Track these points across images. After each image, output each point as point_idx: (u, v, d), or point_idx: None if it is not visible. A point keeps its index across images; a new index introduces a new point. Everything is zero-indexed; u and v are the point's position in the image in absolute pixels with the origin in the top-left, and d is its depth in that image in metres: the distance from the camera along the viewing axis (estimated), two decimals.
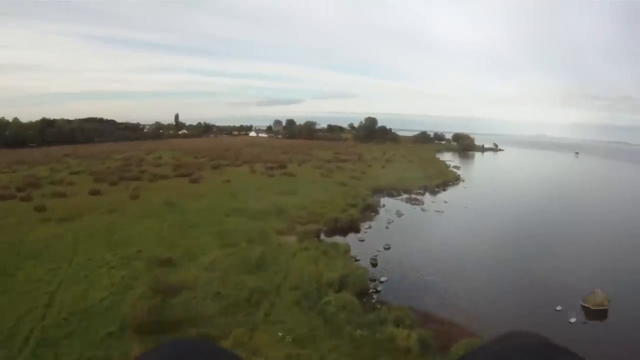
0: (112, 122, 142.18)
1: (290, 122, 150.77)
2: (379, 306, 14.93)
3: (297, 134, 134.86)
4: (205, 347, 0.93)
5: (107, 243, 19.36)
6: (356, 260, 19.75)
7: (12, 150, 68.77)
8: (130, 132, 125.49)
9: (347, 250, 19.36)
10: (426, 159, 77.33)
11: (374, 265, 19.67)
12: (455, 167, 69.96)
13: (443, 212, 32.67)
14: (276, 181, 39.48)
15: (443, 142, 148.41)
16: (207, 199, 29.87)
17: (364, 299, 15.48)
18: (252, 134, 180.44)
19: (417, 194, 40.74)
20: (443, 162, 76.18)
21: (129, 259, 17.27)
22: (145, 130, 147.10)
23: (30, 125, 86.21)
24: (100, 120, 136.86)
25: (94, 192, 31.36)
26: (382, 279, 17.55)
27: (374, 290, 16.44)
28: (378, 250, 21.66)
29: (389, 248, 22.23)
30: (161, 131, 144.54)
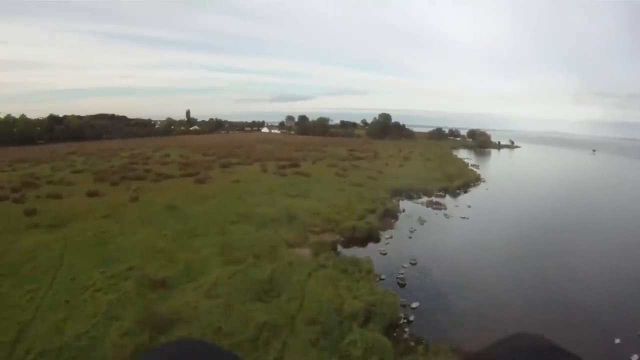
0: (123, 118, 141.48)
1: (303, 118, 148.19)
2: (412, 344, 12.30)
3: (309, 130, 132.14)
4: (206, 348, 0.91)
5: (96, 256, 17.05)
6: (381, 279, 17.16)
7: (19, 147, 67.57)
8: (140, 128, 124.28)
9: (370, 268, 16.68)
10: (444, 156, 73.98)
11: (402, 285, 17.01)
12: (473, 165, 66.70)
13: (468, 218, 29.76)
14: (288, 181, 36.93)
15: (458, 139, 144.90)
16: (213, 202, 27.48)
17: (395, 333, 12.87)
18: (265, 130, 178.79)
19: (437, 196, 37.92)
20: (461, 160, 72.82)
21: (118, 278, 14.91)
22: (156, 126, 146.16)
23: (38, 122, 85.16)
24: (112, 117, 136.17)
25: (92, 194, 29.23)
26: (414, 304, 14.87)
27: (405, 320, 13.80)
28: (404, 266, 18.97)
29: (415, 263, 19.54)
30: (172, 127, 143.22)
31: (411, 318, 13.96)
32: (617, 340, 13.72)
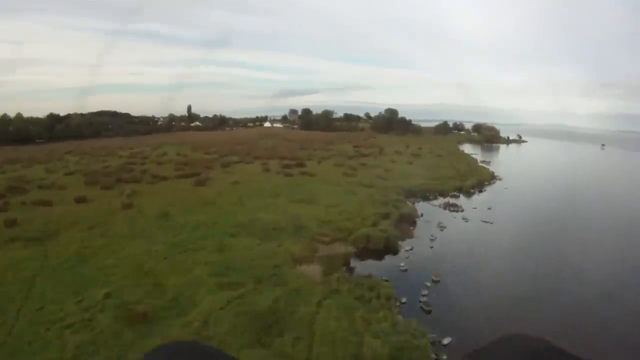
0: (126, 115, 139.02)
1: (307, 112, 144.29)
2: None
3: (313, 124, 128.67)
4: (201, 349, 0.96)
5: (73, 279, 14.77)
6: (402, 303, 14.73)
7: (14, 147, 65.23)
8: (142, 125, 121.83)
9: (390, 294, 14.24)
10: (453, 153, 71.13)
11: (427, 311, 14.58)
12: (484, 162, 63.68)
13: (491, 222, 27.11)
14: (293, 183, 34.50)
15: (462, 133, 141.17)
16: (211, 209, 25.15)
17: None
18: (267, 124, 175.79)
19: (453, 196, 35.39)
20: (470, 156, 69.90)
21: (94, 309, 12.57)
22: (159, 123, 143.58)
23: (38, 120, 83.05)
24: (114, 114, 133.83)
25: (82, 200, 27.00)
26: (445, 340, 12.41)
27: None
28: (427, 285, 16.54)
29: (438, 280, 17.11)
30: (173, 123, 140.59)
31: (445, 358, 11.53)
32: None
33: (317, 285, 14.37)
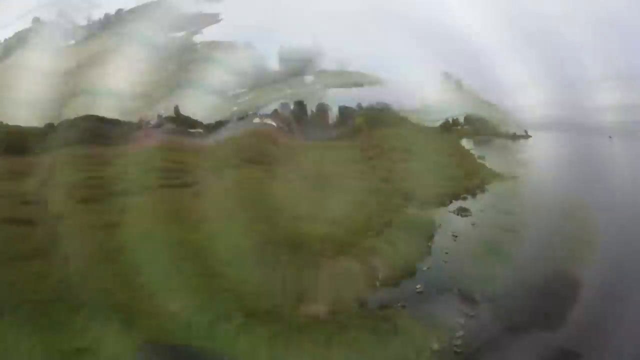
0: (120, 120, 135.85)
1: (300, 106, 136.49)
2: None
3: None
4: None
5: None
6: (435, 351, 12.55)
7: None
8: (139, 130, 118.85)
9: (424, 345, 12.09)
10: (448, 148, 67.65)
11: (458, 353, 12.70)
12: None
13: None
14: (297, 192, 32.28)
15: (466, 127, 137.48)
16: (204, 224, 22.82)
17: None
18: (256, 120, 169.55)
19: (463, 198, 34.74)
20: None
21: None
22: (157, 126, 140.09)
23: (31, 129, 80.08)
24: (111, 119, 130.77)
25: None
26: None
27: None
28: (461, 324, 14.45)
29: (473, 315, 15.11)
30: (174, 127, 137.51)
31: None
32: None
33: None
